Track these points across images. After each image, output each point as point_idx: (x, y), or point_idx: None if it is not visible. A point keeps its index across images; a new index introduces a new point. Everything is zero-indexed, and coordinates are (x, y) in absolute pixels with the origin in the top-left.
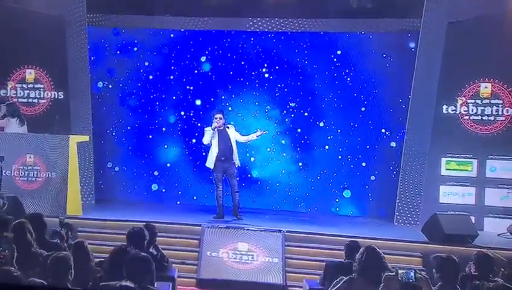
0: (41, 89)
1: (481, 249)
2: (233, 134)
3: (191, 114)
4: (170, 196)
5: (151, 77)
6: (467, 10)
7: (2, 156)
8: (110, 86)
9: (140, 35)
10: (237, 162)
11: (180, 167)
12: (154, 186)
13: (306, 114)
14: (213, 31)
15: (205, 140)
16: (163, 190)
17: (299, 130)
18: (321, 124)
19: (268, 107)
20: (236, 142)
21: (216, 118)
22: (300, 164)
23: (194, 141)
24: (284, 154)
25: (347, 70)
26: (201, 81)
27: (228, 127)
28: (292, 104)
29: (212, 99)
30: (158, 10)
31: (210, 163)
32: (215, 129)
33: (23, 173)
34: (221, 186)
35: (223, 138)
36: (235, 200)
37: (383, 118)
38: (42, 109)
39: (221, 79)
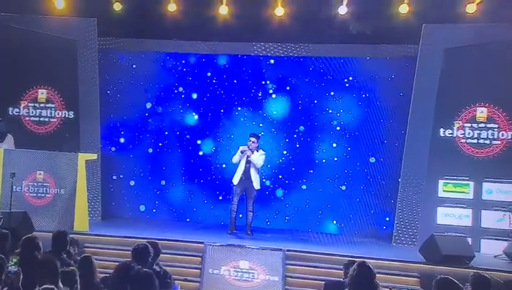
0: (53, 108)
1: (478, 271)
2: (254, 157)
3: (191, 131)
4: (168, 214)
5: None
6: (462, 38)
7: (13, 172)
8: (109, 93)
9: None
10: (255, 184)
11: (178, 184)
12: (143, 207)
13: (314, 139)
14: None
15: (234, 159)
16: (154, 210)
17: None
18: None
19: (273, 129)
20: (256, 165)
21: (249, 141)
22: (303, 187)
23: (192, 161)
24: (285, 179)
25: (363, 96)
26: (205, 99)
27: (257, 150)
28: (301, 128)
29: (210, 114)
30: (165, 35)
31: (235, 179)
32: (244, 152)
33: (32, 189)
34: (236, 201)
35: (248, 159)
36: (248, 218)
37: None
38: (53, 127)
39: (226, 98)
